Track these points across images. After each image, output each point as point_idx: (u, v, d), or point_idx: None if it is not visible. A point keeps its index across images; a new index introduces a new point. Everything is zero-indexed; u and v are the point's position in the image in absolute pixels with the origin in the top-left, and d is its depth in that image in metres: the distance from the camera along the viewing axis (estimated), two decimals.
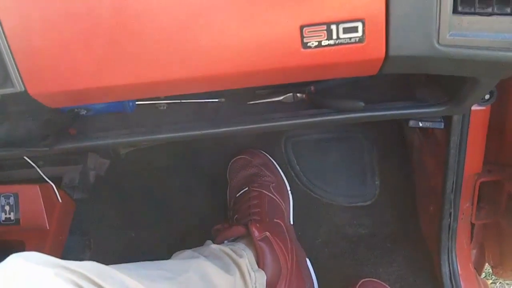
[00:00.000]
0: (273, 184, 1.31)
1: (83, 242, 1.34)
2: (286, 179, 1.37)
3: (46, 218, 1.19)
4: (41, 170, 1.23)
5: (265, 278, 1.06)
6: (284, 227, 1.22)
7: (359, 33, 0.63)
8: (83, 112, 0.94)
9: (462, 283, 1.15)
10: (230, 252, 1.02)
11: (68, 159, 1.30)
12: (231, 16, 0.63)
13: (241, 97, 0.93)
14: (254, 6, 0.62)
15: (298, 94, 0.90)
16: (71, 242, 1.31)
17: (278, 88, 0.92)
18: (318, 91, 0.89)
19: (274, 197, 1.28)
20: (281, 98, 0.91)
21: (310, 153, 1.42)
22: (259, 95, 0.92)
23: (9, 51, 0.66)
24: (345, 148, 1.41)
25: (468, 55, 0.63)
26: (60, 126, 0.93)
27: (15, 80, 0.68)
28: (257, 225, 1.09)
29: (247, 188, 1.29)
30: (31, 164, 1.21)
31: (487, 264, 1.31)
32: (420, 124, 0.87)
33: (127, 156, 1.42)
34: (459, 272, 1.15)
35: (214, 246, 1.04)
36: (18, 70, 0.67)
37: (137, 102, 0.94)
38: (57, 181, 1.25)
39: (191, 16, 0.63)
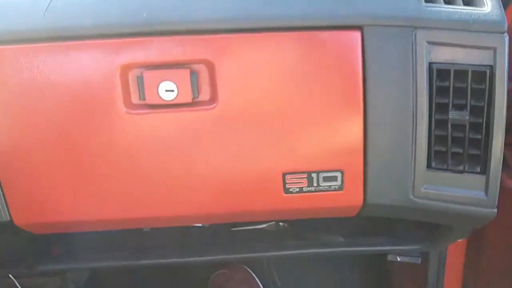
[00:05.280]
0: None
1: None
2: None
3: None
4: (18, 281, 1.20)
5: None
6: None
7: (338, 182, 0.67)
8: None
9: None
10: None
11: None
12: (216, 158, 0.66)
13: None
14: (240, 153, 0.66)
15: (281, 223, 0.92)
16: None
17: None
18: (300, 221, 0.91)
19: None
20: (264, 226, 0.93)
21: (293, 270, 1.42)
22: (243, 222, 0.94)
23: None
24: (327, 268, 1.41)
25: (441, 207, 0.66)
26: (42, 245, 0.93)
27: (1, 210, 0.70)
28: None
29: None
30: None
31: None
32: (398, 259, 0.89)
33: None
34: None
35: None
36: (5, 201, 0.69)
37: None
38: None
39: (178, 158, 0.66)
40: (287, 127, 0.65)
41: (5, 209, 0.69)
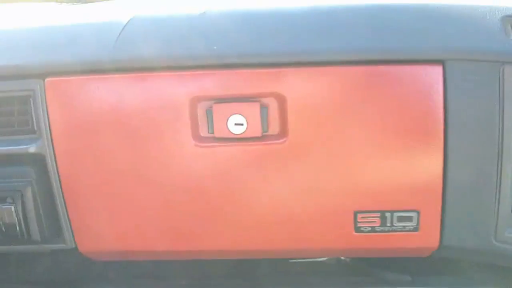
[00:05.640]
0: None
1: None
2: None
3: None
4: None
5: None
6: None
7: (414, 223, 0.63)
8: None
9: None
10: None
11: None
12: (285, 193, 0.64)
13: None
14: (309, 189, 0.63)
15: (342, 257, 0.89)
16: None
17: None
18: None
19: None
20: (324, 259, 0.90)
21: None
22: None
23: (65, 210, 0.68)
24: None
25: None
26: (100, 268, 0.93)
27: (67, 237, 0.70)
28: None
29: None
30: None
31: None
32: None
33: None
34: None
35: None
36: (72, 229, 0.69)
37: None
38: None
39: (246, 192, 0.65)
40: (360, 163, 0.62)
41: (71, 236, 0.70)
